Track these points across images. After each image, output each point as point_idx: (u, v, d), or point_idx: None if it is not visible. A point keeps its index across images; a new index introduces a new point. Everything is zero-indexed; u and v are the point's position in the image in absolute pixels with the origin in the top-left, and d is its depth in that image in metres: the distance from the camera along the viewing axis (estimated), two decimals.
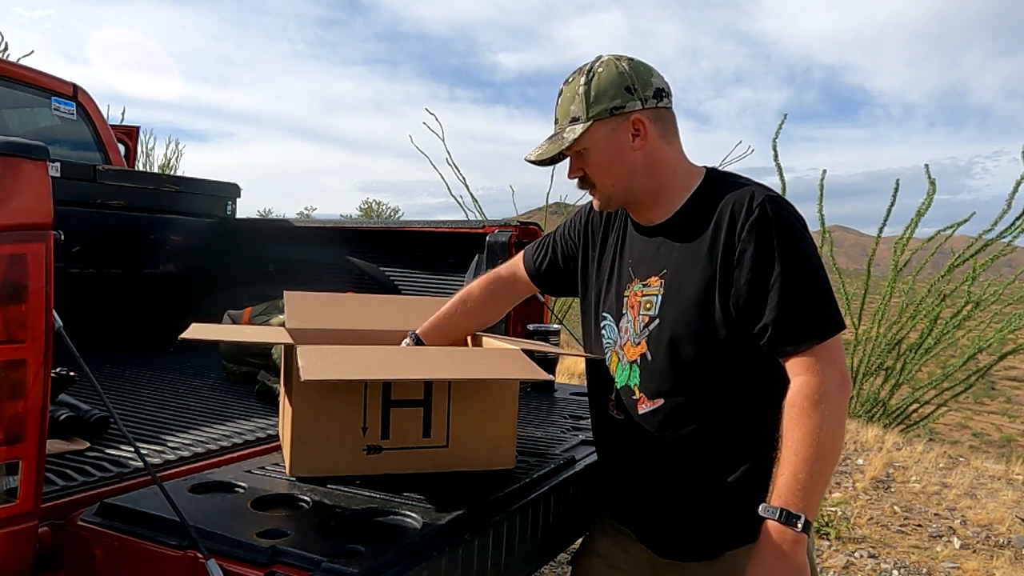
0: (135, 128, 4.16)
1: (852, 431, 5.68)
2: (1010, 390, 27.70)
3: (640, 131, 1.34)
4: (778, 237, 1.25)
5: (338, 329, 1.71)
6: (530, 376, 1.39)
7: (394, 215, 21.23)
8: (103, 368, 2.37)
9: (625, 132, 1.34)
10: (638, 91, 1.34)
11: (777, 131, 7.85)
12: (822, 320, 1.25)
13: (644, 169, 1.36)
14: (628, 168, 1.36)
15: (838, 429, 1.22)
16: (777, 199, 1.30)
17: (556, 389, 2.55)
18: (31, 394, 1.14)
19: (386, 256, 2.95)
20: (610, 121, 1.34)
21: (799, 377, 1.24)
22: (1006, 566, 3.51)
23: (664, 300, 1.34)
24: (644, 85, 1.35)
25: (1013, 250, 7.33)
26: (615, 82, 1.34)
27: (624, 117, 1.34)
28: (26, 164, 1.15)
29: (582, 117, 1.34)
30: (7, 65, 3.41)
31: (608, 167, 1.36)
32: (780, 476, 1.22)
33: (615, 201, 1.42)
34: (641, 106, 1.34)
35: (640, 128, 1.34)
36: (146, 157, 10.06)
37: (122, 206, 2.97)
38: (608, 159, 1.35)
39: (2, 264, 1.11)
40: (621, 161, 1.35)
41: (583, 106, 1.34)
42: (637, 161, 1.36)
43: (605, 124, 1.34)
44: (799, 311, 1.24)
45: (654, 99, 1.35)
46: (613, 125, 1.34)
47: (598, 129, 1.34)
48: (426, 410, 1.45)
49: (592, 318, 1.51)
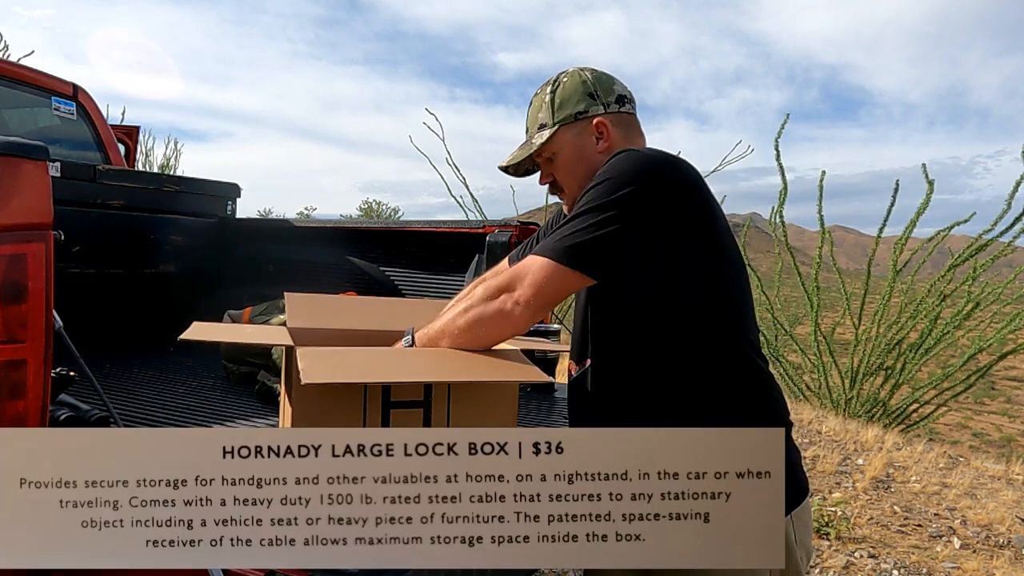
0: (135, 128, 4.16)
1: (852, 431, 5.68)
2: (1010, 390, 27.71)
3: (603, 134, 1.41)
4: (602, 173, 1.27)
5: (338, 330, 1.71)
6: (530, 378, 1.39)
7: (394, 215, 21.24)
8: (103, 368, 2.38)
9: (589, 135, 1.42)
10: (600, 97, 1.42)
11: (780, 131, 7.86)
12: (558, 246, 1.25)
13: None
14: (592, 169, 1.38)
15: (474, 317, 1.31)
16: (641, 152, 1.30)
17: (556, 389, 2.56)
18: (31, 394, 1.14)
19: (386, 256, 2.95)
20: (575, 125, 1.42)
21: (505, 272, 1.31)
22: (1006, 566, 3.51)
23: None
24: (606, 92, 1.43)
25: (1013, 250, 7.33)
26: (579, 89, 1.42)
27: (588, 121, 1.42)
28: (26, 164, 1.15)
29: (549, 123, 1.43)
30: (7, 65, 3.42)
31: (574, 169, 1.43)
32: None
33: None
34: (604, 111, 1.42)
35: (603, 131, 1.41)
36: (146, 157, 10.07)
37: (122, 206, 2.97)
38: (574, 161, 1.43)
39: (2, 264, 1.11)
40: (586, 163, 1.41)
41: (549, 112, 1.43)
42: (601, 163, 1.37)
43: (571, 128, 1.42)
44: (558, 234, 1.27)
45: (616, 104, 1.43)
46: (578, 129, 1.42)
47: (564, 133, 1.42)
48: (426, 411, 1.45)
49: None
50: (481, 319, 1.31)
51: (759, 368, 1.34)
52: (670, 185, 1.25)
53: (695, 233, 1.26)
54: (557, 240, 1.25)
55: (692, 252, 1.26)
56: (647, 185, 1.23)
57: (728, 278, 1.31)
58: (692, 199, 1.26)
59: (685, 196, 1.26)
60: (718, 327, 1.29)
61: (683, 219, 1.25)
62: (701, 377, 1.27)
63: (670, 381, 1.29)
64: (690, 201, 1.26)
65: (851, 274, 8.81)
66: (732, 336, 1.30)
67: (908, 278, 7.83)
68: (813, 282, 7.81)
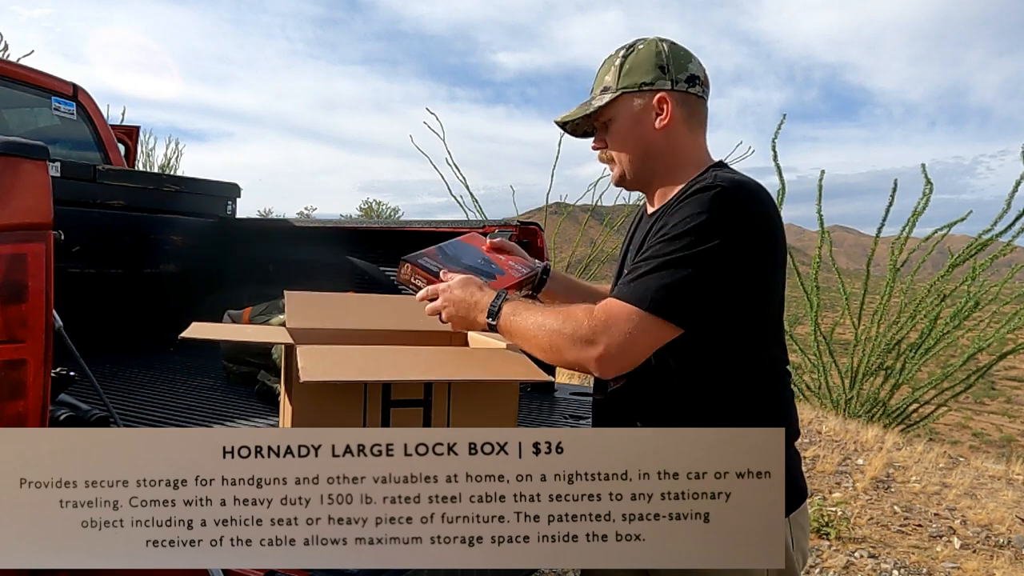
0: (135, 128, 4.16)
1: (852, 431, 5.68)
2: (1010, 390, 27.71)
3: (664, 111, 1.34)
4: (689, 214, 1.21)
5: (338, 329, 1.71)
6: (530, 377, 1.39)
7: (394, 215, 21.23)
8: (103, 368, 2.38)
9: (649, 109, 1.35)
10: (671, 72, 1.35)
11: (777, 131, 7.86)
12: (649, 292, 1.20)
13: (660, 150, 1.36)
14: (645, 145, 1.36)
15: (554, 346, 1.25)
16: (728, 188, 1.22)
17: (556, 389, 2.56)
18: (31, 394, 1.14)
19: (386, 256, 2.95)
20: (638, 95, 1.35)
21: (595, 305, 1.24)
22: (1006, 566, 3.51)
23: None
24: (679, 68, 1.36)
25: (1012, 249, 7.33)
26: (650, 59, 1.35)
27: (652, 94, 1.35)
28: (26, 164, 1.15)
29: (612, 87, 1.37)
30: (7, 65, 3.42)
31: (626, 140, 1.37)
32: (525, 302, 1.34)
33: (628, 179, 1.41)
34: (671, 87, 1.35)
35: (664, 107, 1.34)
36: (146, 157, 10.07)
37: (122, 206, 2.97)
38: (628, 132, 1.37)
39: (2, 264, 1.11)
40: (640, 137, 1.36)
41: (615, 76, 1.36)
42: (656, 140, 1.35)
43: (633, 98, 1.36)
44: (640, 271, 1.22)
45: (686, 83, 1.36)
46: (640, 100, 1.35)
47: (625, 101, 1.36)
48: (426, 410, 1.45)
49: None
50: (564, 360, 1.27)
51: (786, 386, 1.39)
52: (763, 238, 1.23)
53: (766, 278, 1.27)
54: (651, 287, 1.20)
55: (756, 292, 1.27)
56: (743, 239, 1.21)
57: (775, 307, 1.33)
58: (776, 249, 1.27)
59: (770, 249, 1.25)
60: (758, 352, 1.31)
61: (763, 270, 1.26)
62: (738, 402, 1.28)
63: (705, 403, 1.29)
64: (772, 253, 1.26)
65: (851, 274, 8.82)
66: (769, 360, 1.34)
67: (908, 278, 7.84)
68: (813, 282, 7.81)
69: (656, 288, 1.19)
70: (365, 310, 1.90)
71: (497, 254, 1.63)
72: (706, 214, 1.19)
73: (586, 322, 1.22)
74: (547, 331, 1.26)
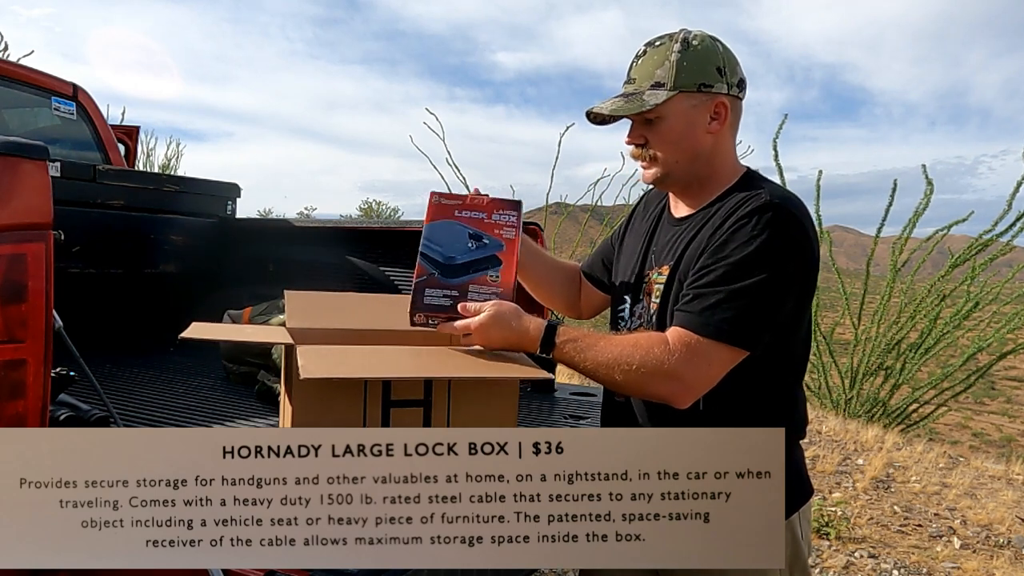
0: (135, 128, 4.16)
1: (852, 431, 5.68)
2: (1010, 390, 27.71)
3: (719, 115, 1.32)
4: (750, 236, 1.22)
5: (338, 328, 1.71)
6: (530, 376, 1.39)
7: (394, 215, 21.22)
8: (103, 368, 2.38)
9: (705, 112, 1.32)
10: (727, 75, 1.32)
11: (778, 131, 7.86)
12: (725, 324, 1.21)
13: (708, 154, 1.34)
14: (695, 148, 1.33)
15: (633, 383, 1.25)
16: (783, 208, 1.24)
17: (556, 389, 2.56)
18: (31, 394, 1.14)
19: (386, 256, 2.95)
20: (695, 96, 1.31)
21: (668, 334, 1.25)
22: (1006, 566, 3.51)
23: (666, 288, 1.34)
24: (732, 71, 1.33)
25: (1012, 249, 7.33)
26: (710, 59, 1.31)
27: (710, 97, 1.31)
28: (26, 164, 1.15)
29: (668, 84, 1.30)
30: (7, 65, 3.42)
31: (678, 142, 1.33)
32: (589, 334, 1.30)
33: (671, 179, 1.38)
34: (727, 91, 1.32)
35: (720, 112, 1.32)
36: (146, 157, 10.06)
37: (122, 206, 2.97)
38: (680, 134, 1.32)
39: (2, 264, 1.11)
40: (692, 139, 1.33)
41: (671, 73, 1.30)
42: (706, 144, 1.33)
43: (689, 98, 1.31)
44: (710, 300, 1.22)
45: (737, 88, 1.34)
46: (696, 101, 1.31)
47: (681, 101, 1.31)
48: (426, 409, 1.45)
49: (615, 301, 1.53)
50: (642, 393, 1.29)
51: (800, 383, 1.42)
52: (814, 257, 1.28)
53: (812, 291, 1.32)
54: (726, 319, 1.21)
55: (806, 306, 1.32)
56: (802, 262, 1.26)
57: (808, 323, 1.36)
58: (817, 269, 1.31)
59: (816, 265, 1.30)
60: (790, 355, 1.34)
61: (813, 286, 1.31)
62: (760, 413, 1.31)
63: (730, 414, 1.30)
64: (816, 268, 1.31)
65: (851, 274, 8.81)
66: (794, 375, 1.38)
67: (908, 278, 7.83)
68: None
69: (732, 320, 1.21)
70: (365, 310, 1.90)
71: (473, 214, 1.49)
72: (772, 239, 1.22)
73: (665, 358, 1.22)
74: (622, 368, 1.24)
